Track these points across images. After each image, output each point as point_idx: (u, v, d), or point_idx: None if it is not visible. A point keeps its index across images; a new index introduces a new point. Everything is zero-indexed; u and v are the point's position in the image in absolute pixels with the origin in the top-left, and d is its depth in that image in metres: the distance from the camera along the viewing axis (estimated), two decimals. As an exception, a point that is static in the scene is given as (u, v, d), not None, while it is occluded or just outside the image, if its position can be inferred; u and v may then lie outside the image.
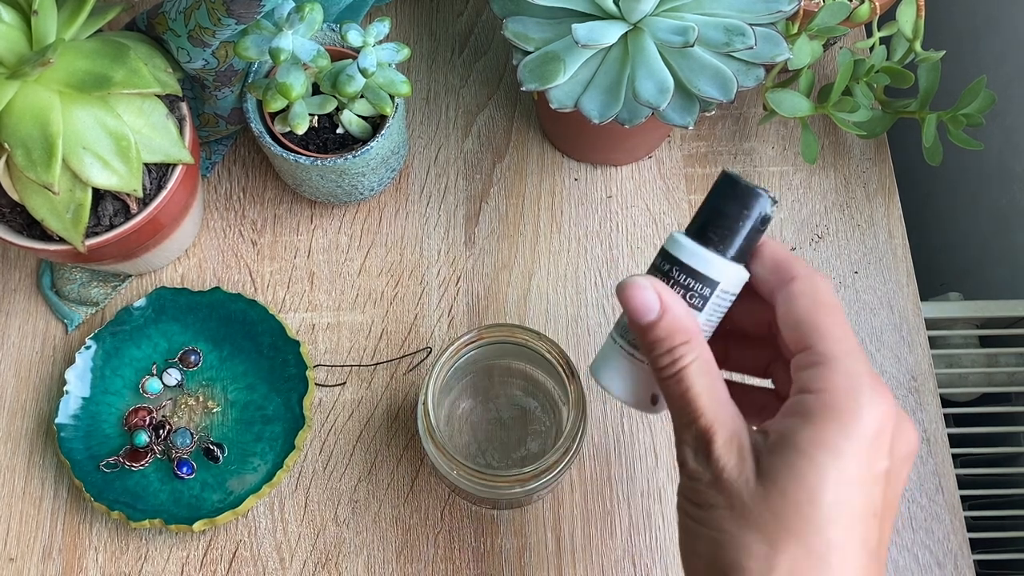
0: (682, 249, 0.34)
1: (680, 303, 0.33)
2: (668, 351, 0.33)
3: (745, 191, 0.33)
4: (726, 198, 0.33)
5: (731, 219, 0.33)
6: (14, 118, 0.43)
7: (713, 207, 0.34)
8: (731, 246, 0.34)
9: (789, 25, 0.53)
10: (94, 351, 0.53)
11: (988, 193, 0.75)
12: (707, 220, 0.34)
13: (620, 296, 0.33)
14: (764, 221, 0.34)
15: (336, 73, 0.49)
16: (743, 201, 0.33)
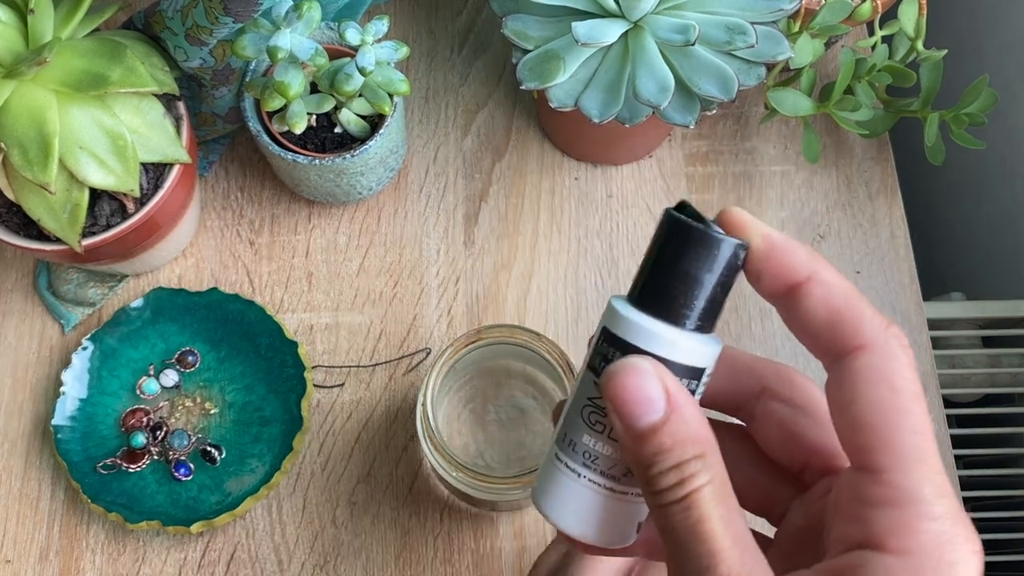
0: (649, 335, 0.24)
1: (691, 400, 0.24)
2: (674, 467, 0.23)
3: (711, 240, 0.24)
4: (683, 252, 0.24)
5: (697, 280, 0.24)
6: (10, 117, 0.43)
7: (671, 268, 0.24)
8: (705, 316, 0.24)
9: (791, 24, 0.52)
10: (91, 352, 0.52)
11: (990, 192, 0.74)
12: (663, 285, 0.24)
13: (610, 387, 0.23)
14: (734, 272, 0.24)
15: (334, 72, 0.49)
16: (710, 254, 0.24)
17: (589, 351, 0.26)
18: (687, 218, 0.24)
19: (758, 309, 0.56)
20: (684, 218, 0.24)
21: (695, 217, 0.24)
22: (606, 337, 0.25)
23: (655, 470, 0.23)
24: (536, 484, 0.27)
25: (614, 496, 0.25)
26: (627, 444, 0.24)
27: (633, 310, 0.24)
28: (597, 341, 0.25)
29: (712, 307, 0.24)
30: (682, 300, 0.24)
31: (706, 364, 0.25)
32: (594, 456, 0.25)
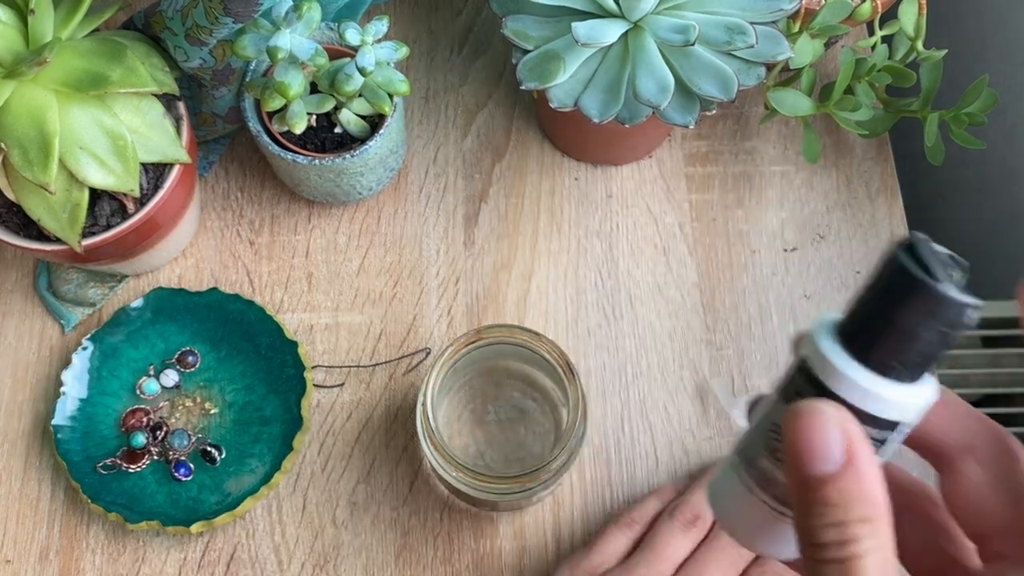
0: (845, 382, 0.23)
1: (871, 457, 0.23)
2: (838, 525, 0.22)
3: (937, 299, 0.22)
4: (905, 304, 0.22)
5: (914, 336, 0.22)
6: (10, 117, 0.43)
7: (887, 316, 0.22)
8: (915, 369, 0.23)
9: (790, 24, 0.52)
10: (91, 352, 0.52)
11: (991, 192, 0.74)
12: (876, 331, 0.23)
13: (789, 426, 0.23)
14: (961, 330, 0.22)
15: (334, 72, 0.49)
16: (933, 311, 0.22)
17: (786, 373, 0.25)
18: (916, 265, 0.22)
19: (758, 309, 0.56)
20: (912, 268, 0.22)
21: (925, 262, 0.22)
22: (803, 369, 0.24)
23: (816, 522, 0.22)
24: (713, 481, 0.27)
25: (784, 520, 0.25)
26: (794, 487, 0.23)
27: (835, 348, 0.23)
28: (795, 368, 0.24)
29: (928, 360, 0.23)
30: (894, 351, 0.23)
31: (904, 418, 0.23)
32: (768, 480, 0.25)
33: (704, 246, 0.58)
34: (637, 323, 0.56)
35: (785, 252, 0.58)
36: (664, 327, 0.56)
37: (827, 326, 0.24)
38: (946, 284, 0.22)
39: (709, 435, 0.54)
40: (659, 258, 0.57)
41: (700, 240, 0.58)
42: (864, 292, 0.23)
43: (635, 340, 0.55)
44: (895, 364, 0.23)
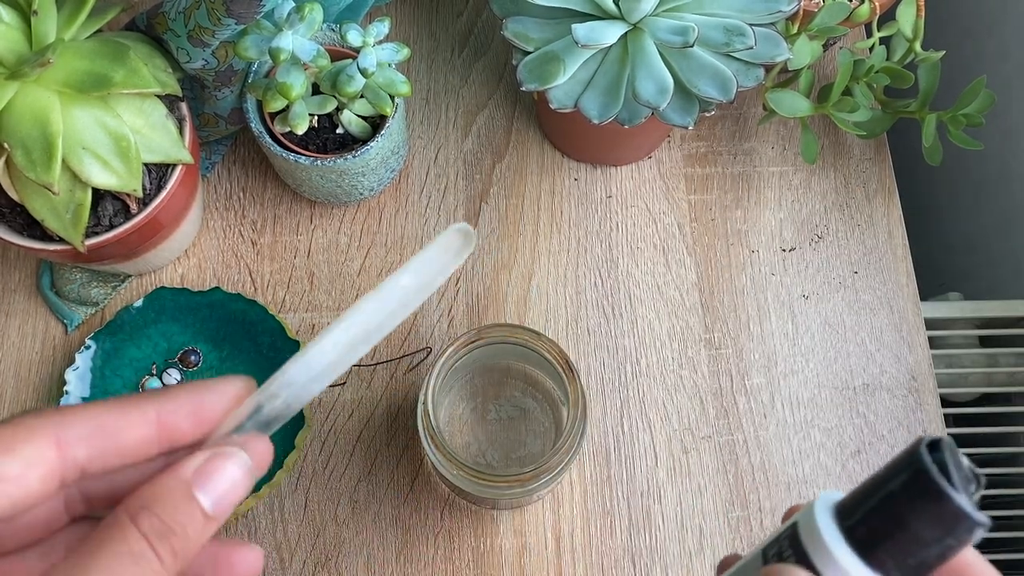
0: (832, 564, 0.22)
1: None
2: None
3: (955, 513, 0.21)
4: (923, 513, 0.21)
5: (919, 542, 0.21)
6: (14, 118, 0.43)
7: (898, 514, 0.22)
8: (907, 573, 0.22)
9: (789, 25, 0.53)
10: (94, 351, 0.53)
11: (988, 193, 0.75)
12: (881, 528, 0.22)
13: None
14: (964, 545, 0.22)
15: (336, 73, 0.49)
16: (947, 524, 0.21)
17: (774, 534, 0.24)
18: (939, 473, 0.21)
19: (756, 308, 0.57)
20: (936, 476, 0.21)
21: (948, 469, 0.21)
22: (792, 536, 0.23)
23: None
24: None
25: None
26: None
27: (832, 527, 0.22)
28: (785, 532, 0.24)
29: (922, 569, 0.22)
30: (894, 551, 0.22)
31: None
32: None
33: (703, 246, 0.58)
34: (636, 322, 0.56)
35: (783, 252, 0.58)
36: (663, 326, 0.56)
37: (828, 503, 0.23)
38: (965, 498, 0.21)
39: (707, 434, 0.54)
40: (658, 258, 0.58)
41: (699, 240, 0.58)
42: (877, 481, 0.22)
43: (634, 339, 0.56)
44: (890, 564, 0.22)
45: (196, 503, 0.23)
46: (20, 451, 0.22)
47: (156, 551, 0.22)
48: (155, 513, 0.22)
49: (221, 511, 0.23)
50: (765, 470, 0.53)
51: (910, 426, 0.55)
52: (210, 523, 0.23)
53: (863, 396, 0.55)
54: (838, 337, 0.56)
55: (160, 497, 0.23)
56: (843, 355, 0.56)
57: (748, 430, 0.54)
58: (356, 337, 0.26)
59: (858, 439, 0.54)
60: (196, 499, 0.23)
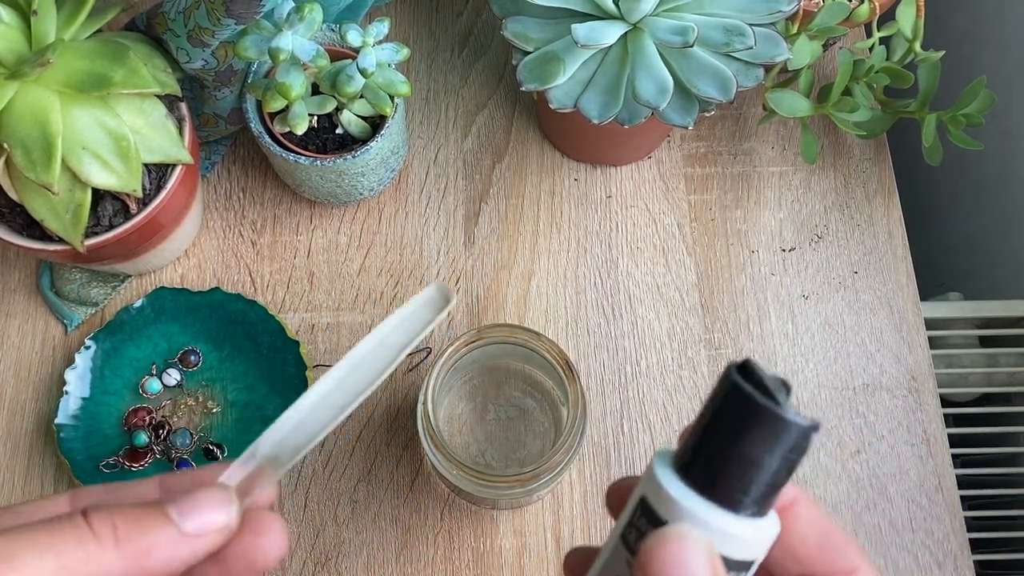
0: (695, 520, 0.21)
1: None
2: None
3: (784, 425, 0.20)
4: (747, 432, 0.20)
5: (763, 466, 0.20)
6: (14, 118, 0.43)
7: (732, 446, 0.21)
8: (764, 501, 0.21)
9: (789, 25, 0.53)
10: (94, 351, 0.53)
11: (988, 193, 0.75)
12: (719, 463, 0.21)
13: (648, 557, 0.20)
14: (802, 454, 0.21)
15: (335, 73, 0.49)
16: (781, 438, 0.20)
17: (622, 520, 0.22)
18: (753, 389, 0.20)
19: (756, 308, 0.57)
20: (751, 392, 0.20)
21: (760, 386, 0.21)
22: (645, 511, 0.21)
23: None
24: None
25: None
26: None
27: (679, 485, 0.21)
28: (633, 513, 0.22)
29: (773, 490, 0.21)
30: (739, 484, 0.21)
31: (757, 556, 0.21)
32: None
33: (703, 246, 0.58)
34: (636, 323, 0.56)
35: (783, 252, 0.58)
36: (663, 327, 0.56)
37: (664, 461, 0.22)
38: (789, 409, 0.20)
39: (708, 434, 0.54)
40: (658, 258, 0.58)
41: (699, 240, 0.58)
42: (702, 423, 0.21)
43: (634, 340, 0.56)
44: (743, 496, 0.21)
45: (163, 511, 0.22)
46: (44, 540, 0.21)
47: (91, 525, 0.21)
48: (109, 507, 0.21)
49: (198, 527, 0.22)
50: (765, 470, 0.53)
51: (910, 426, 0.55)
52: (186, 539, 0.22)
53: (863, 396, 0.55)
54: (838, 337, 0.56)
55: (123, 501, 0.22)
56: (843, 355, 0.56)
57: (748, 430, 0.54)
58: (342, 383, 0.27)
59: (858, 439, 0.54)
60: (164, 509, 0.22)
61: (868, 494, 0.53)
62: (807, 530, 0.23)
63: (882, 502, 0.53)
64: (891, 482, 0.53)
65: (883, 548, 0.52)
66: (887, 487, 0.53)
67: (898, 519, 0.53)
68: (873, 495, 0.53)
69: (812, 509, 0.23)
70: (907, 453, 0.54)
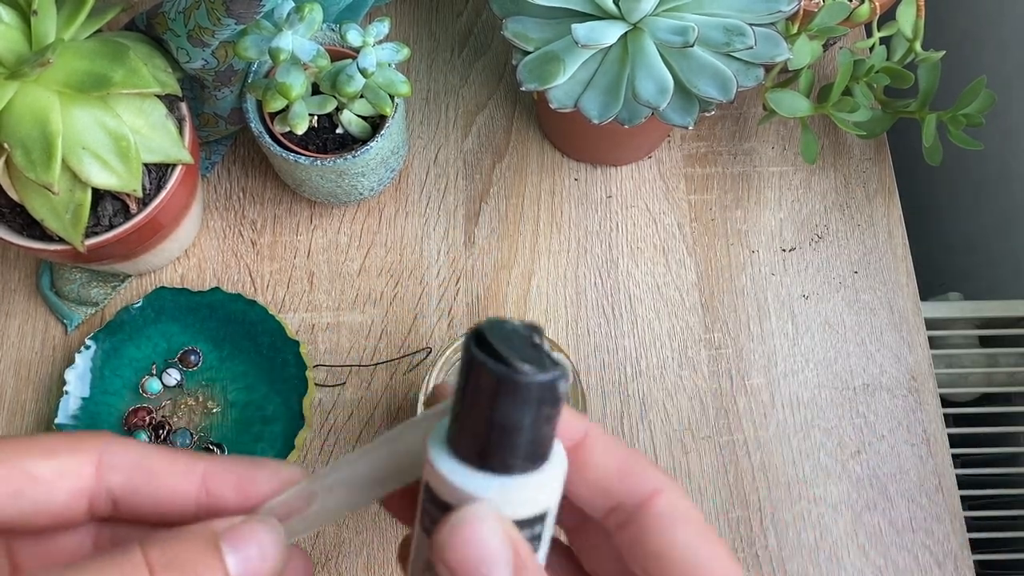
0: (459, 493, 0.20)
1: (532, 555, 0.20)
2: None
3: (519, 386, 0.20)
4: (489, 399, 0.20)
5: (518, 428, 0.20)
6: (14, 118, 0.43)
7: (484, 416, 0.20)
8: (535, 455, 0.21)
9: (789, 25, 0.53)
10: (94, 351, 0.53)
11: (988, 193, 0.75)
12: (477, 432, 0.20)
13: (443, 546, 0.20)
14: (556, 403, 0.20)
15: (336, 73, 0.49)
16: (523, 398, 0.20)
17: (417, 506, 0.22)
18: (484, 356, 0.20)
19: (756, 308, 0.57)
20: (482, 359, 0.20)
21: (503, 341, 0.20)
22: (430, 497, 0.21)
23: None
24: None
25: None
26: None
27: (452, 462, 0.20)
28: (424, 497, 0.21)
29: (542, 442, 0.21)
30: (505, 449, 0.20)
31: (549, 503, 0.21)
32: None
33: (703, 246, 0.58)
34: (636, 323, 0.56)
35: (783, 252, 0.58)
36: (663, 326, 0.56)
37: (438, 438, 0.21)
38: (522, 368, 0.19)
39: (707, 434, 0.54)
40: (658, 258, 0.58)
41: (699, 240, 0.58)
42: (456, 395, 0.21)
43: (634, 339, 0.56)
44: (513, 461, 0.20)
45: (220, 558, 0.20)
46: (58, 457, 0.21)
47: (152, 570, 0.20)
48: (169, 548, 0.20)
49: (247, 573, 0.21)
50: (765, 470, 0.53)
51: (910, 426, 0.55)
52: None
53: (863, 396, 0.55)
54: (838, 337, 0.56)
55: (181, 537, 0.21)
56: (843, 355, 0.56)
57: (748, 430, 0.54)
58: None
59: (858, 439, 0.54)
60: (221, 554, 0.20)
61: (868, 494, 0.53)
62: (603, 460, 0.22)
63: (882, 502, 0.53)
64: (891, 482, 0.53)
65: (883, 548, 0.52)
66: (887, 487, 0.53)
67: (898, 519, 0.53)
68: (873, 495, 0.53)
69: (603, 440, 0.23)
70: (907, 453, 0.54)
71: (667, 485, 0.22)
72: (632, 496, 0.22)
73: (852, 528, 0.53)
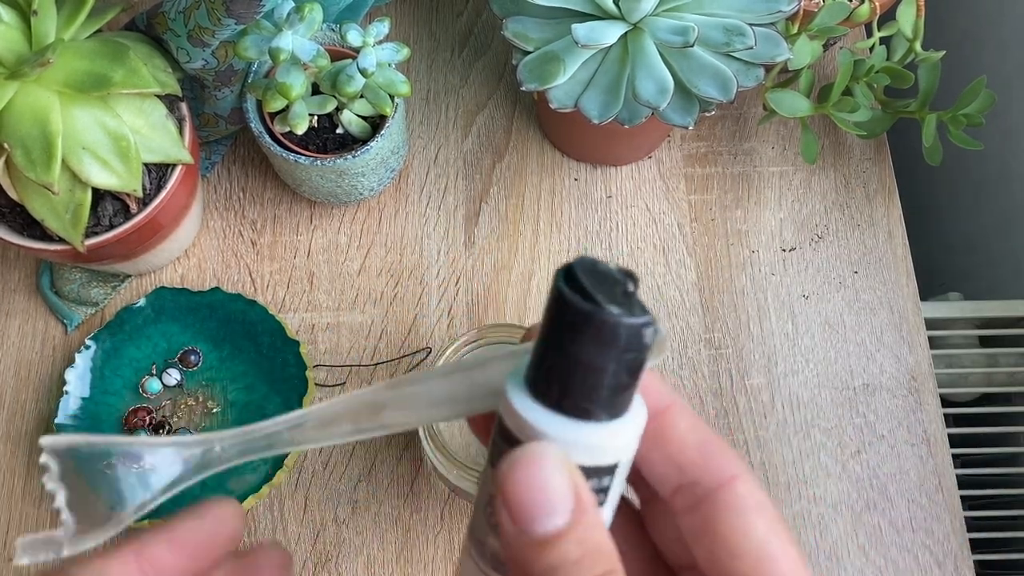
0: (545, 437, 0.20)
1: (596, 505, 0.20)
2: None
3: (605, 326, 0.19)
4: (575, 337, 0.19)
5: (600, 371, 0.20)
6: (14, 118, 0.43)
7: (566, 354, 0.20)
8: (613, 404, 0.20)
9: (789, 25, 0.53)
10: (94, 351, 0.53)
11: (988, 193, 0.75)
12: (559, 372, 0.20)
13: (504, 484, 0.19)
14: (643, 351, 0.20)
15: (336, 73, 0.49)
16: (607, 340, 0.19)
17: (491, 440, 0.22)
18: (575, 294, 0.19)
19: (756, 308, 0.57)
20: (571, 296, 0.19)
21: (594, 281, 0.20)
22: (501, 431, 0.21)
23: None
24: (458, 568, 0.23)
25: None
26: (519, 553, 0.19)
27: (528, 400, 0.20)
28: (495, 432, 0.21)
29: (620, 392, 0.20)
30: (582, 392, 0.20)
31: (620, 458, 0.21)
32: (501, 560, 0.21)
33: (703, 246, 0.58)
34: (636, 323, 0.56)
35: (783, 252, 0.58)
36: (663, 326, 0.56)
37: (517, 375, 0.21)
38: (609, 308, 0.19)
39: (708, 434, 0.54)
40: (658, 258, 0.58)
41: (699, 240, 0.58)
42: (540, 332, 0.20)
43: (634, 339, 0.56)
44: (590, 406, 0.20)
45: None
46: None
47: None
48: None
49: None
50: (765, 470, 0.53)
51: (910, 426, 0.55)
52: None
53: (863, 396, 0.55)
54: (838, 337, 0.56)
55: None
56: (843, 355, 0.56)
57: (748, 430, 0.54)
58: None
59: (858, 439, 0.54)
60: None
61: (868, 494, 0.53)
62: (685, 437, 0.22)
63: (882, 502, 0.53)
64: (891, 482, 0.53)
65: (883, 548, 0.52)
66: (887, 487, 0.53)
67: (898, 519, 0.53)
68: (873, 495, 0.53)
69: (688, 415, 0.22)
70: (907, 453, 0.54)
71: (746, 472, 0.22)
72: (711, 477, 0.21)
73: (852, 528, 0.53)
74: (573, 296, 0.19)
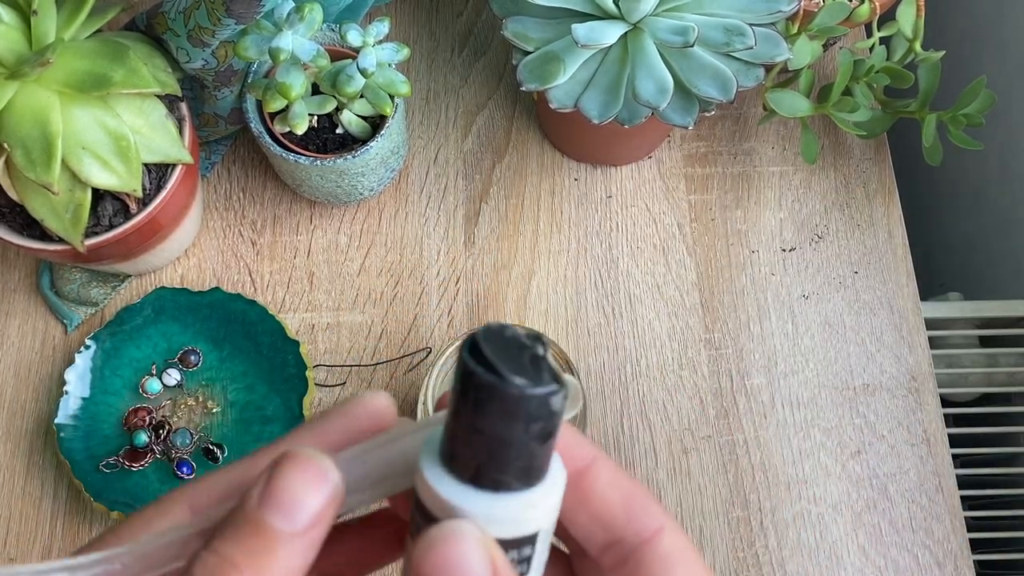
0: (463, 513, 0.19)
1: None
2: None
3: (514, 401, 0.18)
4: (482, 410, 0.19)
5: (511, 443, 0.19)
6: (14, 118, 0.43)
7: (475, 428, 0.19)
8: (529, 472, 0.20)
9: (789, 25, 0.53)
10: (94, 351, 0.53)
11: (988, 193, 0.75)
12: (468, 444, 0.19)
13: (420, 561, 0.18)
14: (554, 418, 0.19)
15: (336, 73, 0.49)
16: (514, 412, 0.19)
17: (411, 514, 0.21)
18: (479, 366, 0.18)
19: (756, 308, 0.57)
20: (475, 368, 0.18)
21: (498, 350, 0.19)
22: (418, 507, 0.20)
23: None
24: None
25: None
26: None
27: (442, 475, 0.19)
28: (413, 506, 0.20)
29: (533, 461, 0.19)
30: (493, 464, 0.19)
31: (539, 527, 0.20)
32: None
33: (703, 246, 0.58)
34: (636, 323, 0.56)
35: (783, 252, 0.58)
36: (663, 326, 0.56)
37: (431, 449, 0.20)
38: (513, 380, 0.18)
39: (707, 434, 0.54)
40: (658, 258, 0.58)
41: (699, 240, 0.58)
42: (450, 405, 0.20)
43: (634, 339, 0.56)
44: (503, 477, 0.19)
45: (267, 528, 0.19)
46: None
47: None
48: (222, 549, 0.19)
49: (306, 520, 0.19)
50: (765, 470, 0.53)
51: (910, 426, 0.55)
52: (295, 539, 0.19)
53: (863, 396, 0.55)
54: (838, 337, 0.56)
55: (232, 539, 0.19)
56: (843, 355, 0.56)
57: (748, 430, 0.54)
58: None
59: (858, 439, 0.54)
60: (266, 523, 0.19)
61: (868, 494, 0.53)
62: (608, 492, 0.21)
63: (882, 502, 0.53)
64: (891, 482, 0.53)
65: (883, 548, 0.52)
66: (887, 487, 0.53)
67: (898, 519, 0.53)
68: (873, 495, 0.53)
69: (609, 470, 0.22)
70: (907, 453, 0.54)
71: (670, 522, 0.21)
72: (635, 533, 0.21)
73: (852, 528, 0.53)
74: (477, 368, 0.18)
